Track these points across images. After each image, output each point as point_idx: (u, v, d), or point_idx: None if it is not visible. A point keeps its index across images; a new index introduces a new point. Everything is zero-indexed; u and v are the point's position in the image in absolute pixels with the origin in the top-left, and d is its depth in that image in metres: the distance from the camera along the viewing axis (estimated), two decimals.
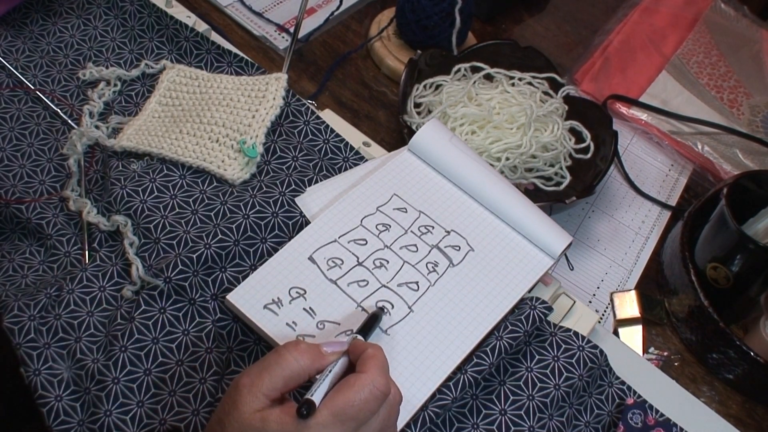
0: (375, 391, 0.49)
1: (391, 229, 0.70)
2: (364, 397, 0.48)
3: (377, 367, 0.50)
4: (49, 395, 0.59)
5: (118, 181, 0.71)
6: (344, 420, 0.48)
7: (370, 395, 0.49)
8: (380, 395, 0.49)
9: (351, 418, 0.48)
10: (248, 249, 0.68)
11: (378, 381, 0.49)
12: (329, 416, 0.47)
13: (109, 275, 0.66)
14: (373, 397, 0.49)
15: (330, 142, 0.78)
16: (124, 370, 0.61)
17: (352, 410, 0.48)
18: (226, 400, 0.49)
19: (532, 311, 0.67)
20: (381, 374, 0.50)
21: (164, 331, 0.64)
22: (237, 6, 0.99)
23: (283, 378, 0.50)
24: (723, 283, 0.80)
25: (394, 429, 0.53)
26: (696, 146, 1.00)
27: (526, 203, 0.74)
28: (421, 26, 0.94)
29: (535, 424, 0.64)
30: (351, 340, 0.54)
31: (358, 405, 0.48)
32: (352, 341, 0.54)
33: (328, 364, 0.52)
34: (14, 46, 0.81)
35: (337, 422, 0.47)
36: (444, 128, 0.77)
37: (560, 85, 0.93)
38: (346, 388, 0.49)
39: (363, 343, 0.54)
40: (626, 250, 0.89)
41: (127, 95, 0.81)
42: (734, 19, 1.21)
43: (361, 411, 0.48)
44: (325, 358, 0.52)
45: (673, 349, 0.81)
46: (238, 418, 0.48)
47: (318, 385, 0.49)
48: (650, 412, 0.68)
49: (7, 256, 0.68)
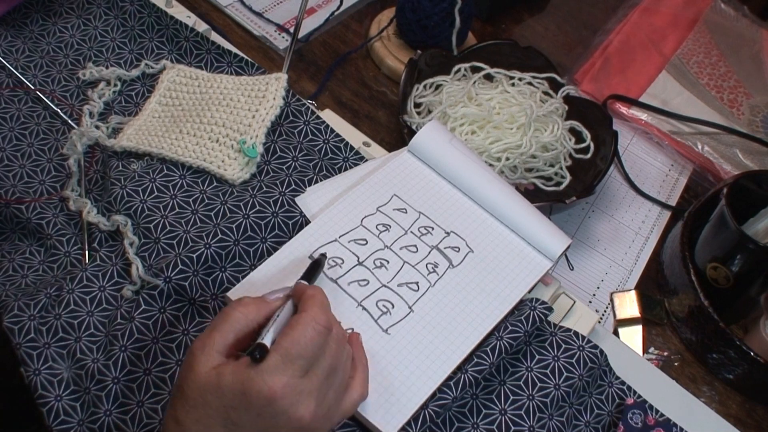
0: (317, 327, 0.50)
1: (391, 229, 0.70)
2: (308, 334, 0.50)
3: (316, 305, 0.52)
4: (49, 395, 0.59)
5: (118, 181, 0.71)
6: (293, 359, 0.49)
7: (313, 331, 0.50)
8: (323, 330, 0.51)
9: (299, 356, 0.49)
10: (248, 249, 0.68)
11: (318, 317, 0.51)
12: (278, 358, 0.49)
13: (109, 275, 0.66)
14: (316, 333, 0.50)
15: (330, 142, 0.78)
16: (124, 370, 0.61)
17: (298, 348, 0.49)
18: (182, 367, 0.51)
19: (532, 311, 0.67)
20: (321, 311, 0.52)
21: (164, 330, 0.64)
22: (237, 6, 0.99)
23: (233, 332, 0.51)
24: (723, 283, 0.80)
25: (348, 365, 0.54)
26: (696, 146, 1.00)
27: (526, 205, 0.74)
28: (421, 26, 0.94)
29: (535, 424, 0.64)
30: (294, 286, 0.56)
31: (303, 342, 0.49)
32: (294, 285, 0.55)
33: (274, 311, 0.53)
34: (14, 46, 0.81)
35: (288, 362, 0.49)
36: (444, 129, 0.77)
37: (560, 85, 0.93)
38: (290, 329, 0.50)
39: (303, 285, 0.56)
40: (626, 250, 0.89)
41: (127, 95, 0.81)
42: (734, 19, 1.21)
43: (306, 348, 0.49)
44: (269, 304, 0.54)
45: (673, 349, 0.81)
46: (195, 379, 0.49)
47: (267, 330, 0.50)
48: (650, 412, 0.68)
49: (7, 256, 0.68)
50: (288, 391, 0.48)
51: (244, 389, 0.48)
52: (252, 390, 0.48)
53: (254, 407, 0.48)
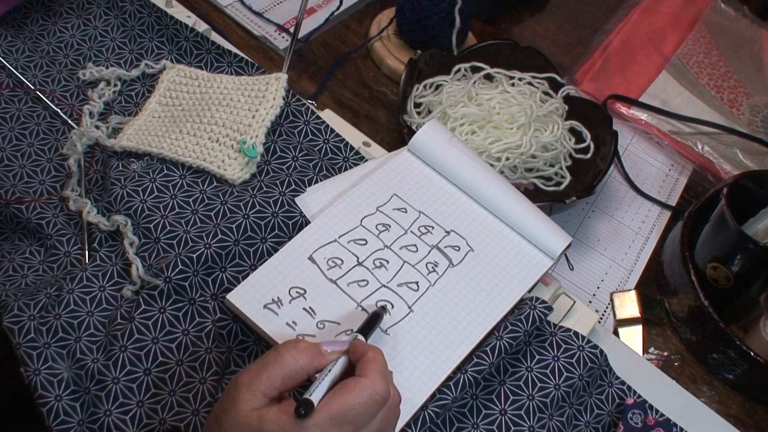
0: (375, 396, 0.48)
1: (391, 229, 0.70)
2: (363, 402, 0.48)
3: (377, 371, 0.50)
4: (48, 395, 0.59)
5: (118, 181, 0.71)
6: (341, 423, 0.47)
7: (370, 400, 0.48)
8: (380, 400, 0.49)
9: (349, 422, 0.47)
10: (248, 249, 0.68)
11: (378, 386, 0.49)
12: (326, 418, 0.47)
13: (109, 275, 0.66)
14: (372, 401, 0.48)
15: (330, 142, 0.78)
16: (124, 370, 0.61)
17: (350, 414, 0.47)
18: (224, 398, 0.49)
19: (532, 311, 0.67)
20: (381, 379, 0.49)
21: (164, 330, 0.64)
22: (237, 6, 0.99)
23: (281, 377, 0.49)
24: (723, 283, 0.80)
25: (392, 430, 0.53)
26: (696, 146, 1.00)
27: (526, 204, 0.74)
28: (421, 26, 0.94)
29: (535, 424, 0.64)
30: (352, 340, 0.54)
31: (357, 409, 0.48)
32: (352, 341, 0.54)
33: (327, 364, 0.51)
34: (14, 46, 0.81)
35: (335, 425, 0.47)
36: (444, 129, 0.77)
37: (560, 85, 0.93)
38: (346, 392, 0.48)
39: (363, 344, 0.53)
40: (626, 250, 0.89)
41: (127, 95, 0.81)
42: (734, 19, 1.21)
43: (359, 416, 0.48)
44: (324, 357, 0.52)
45: (673, 349, 0.81)
46: (236, 416, 0.47)
47: (317, 385, 0.49)
48: (650, 412, 0.68)
49: (7, 256, 0.68)
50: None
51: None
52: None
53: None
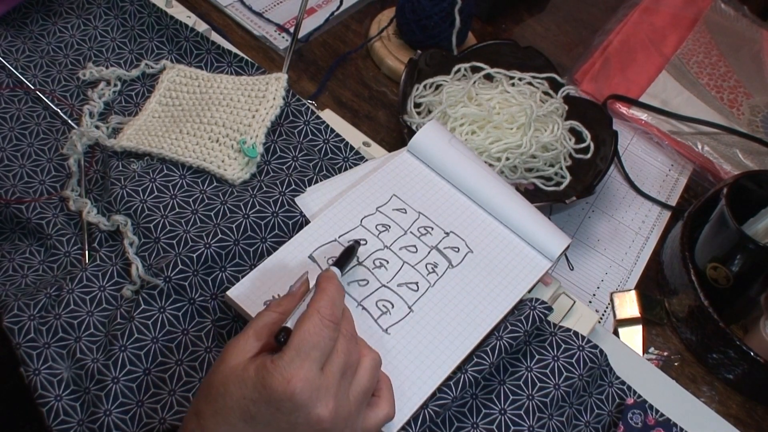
0: (323, 319, 0.50)
1: (390, 229, 0.70)
2: (314, 324, 0.50)
3: (324, 298, 0.52)
4: (48, 395, 0.59)
5: (118, 181, 0.71)
6: (307, 350, 0.49)
7: (319, 323, 0.50)
8: (328, 322, 0.50)
9: (311, 347, 0.49)
10: (248, 249, 0.68)
11: (323, 309, 0.51)
12: (292, 350, 0.49)
13: (109, 275, 0.66)
14: (322, 324, 0.50)
15: (330, 142, 0.78)
16: (124, 370, 0.61)
17: (308, 339, 0.49)
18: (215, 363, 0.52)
19: (532, 311, 0.67)
20: (327, 304, 0.51)
21: (164, 330, 0.64)
22: (237, 6, 0.99)
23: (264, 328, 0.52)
24: (723, 283, 0.80)
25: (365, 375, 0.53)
26: (696, 146, 1.00)
27: (525, 205, 0.74)
28: (421, 26, 0.94)
29: (534, 424, 0.64)
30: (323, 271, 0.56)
31: (312, 332, 0.49)
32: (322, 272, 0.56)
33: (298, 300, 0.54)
34: (14, 46, 0.81)
35: (302, 354, 0.49)
36: (443, 130, 0.77)
37: (560, 85, 0.93)
38: (300, 322, 0.50)
39: (322, 276, 0.55)
40: (626, 250, 0.89)
41: (127, 95, 0.81)
42: (734, 19, 1.21)
43: (315, 337, 0.49)
44: (294, 296, 0.55)
45: (673, 349, 0.81)
46: (222, 370, 0.50)
47: (289, 317, 0.51)
48: (650, 412, 0.68)
49: (7, 256, 0.68)
50: (305, 385, 0.48)
51: (264, 382, 0.48)
52: (272, 383, 0.48)
53: (273, 401, 0.48)
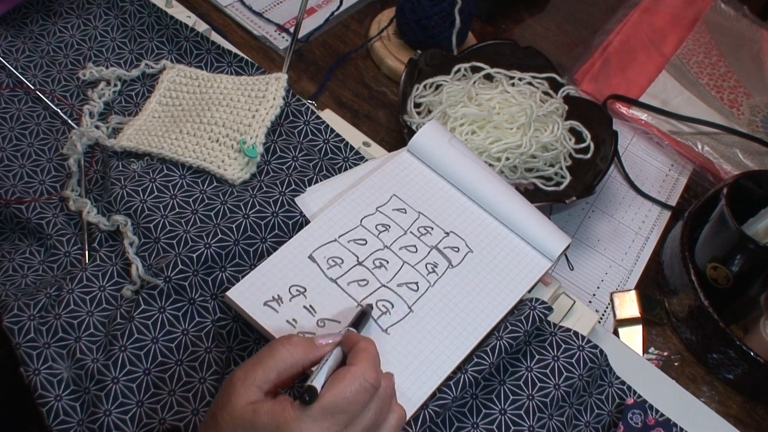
0: (365, 384, 0.49)
1: (390, 229, 0.70)
2: (355, 390, 0.48)
3: (367, 360, 0.50)
4: (48, 395, 0.59)
5: (118, 181, 0.71)
6: (335, 413, 0.47)
7: (360, 388, 0.48)
8: (370, 388, 0.49)
9: (342, 410, 0.47)
10: (248, 249, 0.68)
11: (368, 374, 0.49)
12: (320, 409, 0.47)
13: (109, 275, 0.66)
14: (363, 389, 0.48)
15: (330, 142, 0.78)
16: (124, 370, 0.61)
17: (342, 403, 0.47)
18: (220, 395, 0.49)
19: (532, 311, 0.67)
20: (371, 367, 0.50)
21: (164, 330, 0.64)
22: (237, 6, 0.99)
23: (276, 370, 0.50)
24: (723, 283, 0.80)
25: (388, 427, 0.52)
26: (696, 146, 1.00)
27: (525, 205, 0.74)
28: (421, 26, 0.94)
29: (535, 424, 0.63)
30: (344, 332, 0.54)
31: (349, 397, 0.48)
32: (345, 333, 0.54)
33: (321, 356, 0.52)
34: (14, 46, 0.81)
35: (328, 415, 0.47)
36: (443, 130, 0.77)
37: (560, 85, 0.93)
38: (337, 381, 0.48)
39: (356, 335, 0.54)
40: (626, 250, 0.89)
41: (127, 95, 0.81)
42: (734, 19, 1.21)
43: (351, 404, 0.48)
44: (318, 349, 0.52)
45: (673, 349, 0.81)
46: (231, 411, 0.48)
47: (316, 374, 0.49)
48: (650, 412, 0.68)
49: (7, 256, 0.68)
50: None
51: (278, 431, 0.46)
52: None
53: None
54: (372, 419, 0.49)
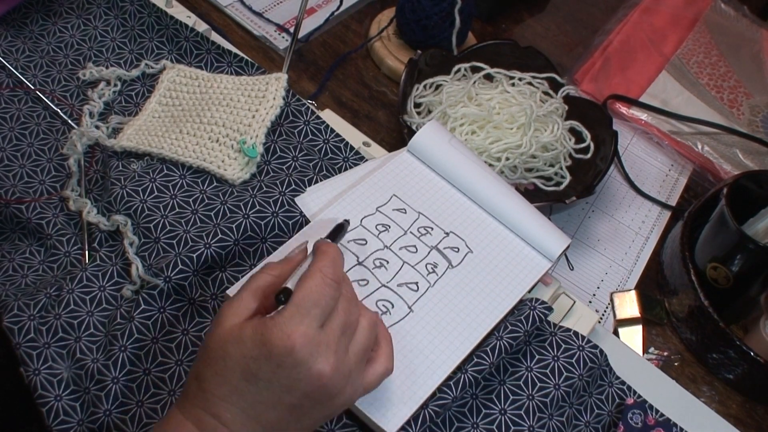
0: (325, 278, 0.51)
1: (390, 229, 0.70)
2: (317, 283, 0.51)
3: (325, 257, 0.53)
4: (48, 395, 0.59)
5: (118, 181, 0.71)
6: (308, 308, 0.49)
7: (322, 281, 0.51)
8: (331, 282, 0.51)
9: (312, 304, 0.50)
10: (248, 249, 0.68)
11: (326, 269, 0.52)
12: (293, 308, 0.49)
13: (109, 275, 0.66)
14: (324, 283, 0.51)
15: (330, 142, 0.78)
16: (124, 370, 0.61)
17: (311, 297, 0.50)
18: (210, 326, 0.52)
19: (532, 311, 0.67)
20: (329, 263, 0.52)
21: (164, 330, 0.64)
22: (237, 6, 0.99)
23: (258, 289, 0.53)
24: (723, 283, 0.80)
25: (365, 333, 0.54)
26: (696, 146, 1.00)
27: (525, 205, 0.74)
28: (421, 26, 0.94)
29: (535, 424, 0.64)
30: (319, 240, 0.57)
31: (315, 290, 0.50)
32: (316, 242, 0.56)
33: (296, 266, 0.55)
34: (14, 46, 0.81)
35: (303, 311, 0.49)
36: (443, 130, 0.77)
37: (560, 85, 0.93)
38: (302, 280, 0.51)
39: (321, 241, 0.56)
40: (626, 250, 0.89)
41: (127, 95, 0.81)
42: (734, 19, 1.21)
43: (319, 297, 0.50)
44: (291, 261, 0.56)
45: (673, 349, 0.81)
46: (219, 333, 0.50)
47: (288, 279, 0.52)
48: (650, 412, 0.68)
49: (7, 256, 0.68)
50: (306, 341, 0.48)
51: (263, 339, 0.48)
52: (272, 339, 0.48)
53: (274, 357, 0.48)
54: (343, 316, 0.52)
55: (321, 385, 0.49)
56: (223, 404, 0.49)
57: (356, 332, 0.53)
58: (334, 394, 0.50)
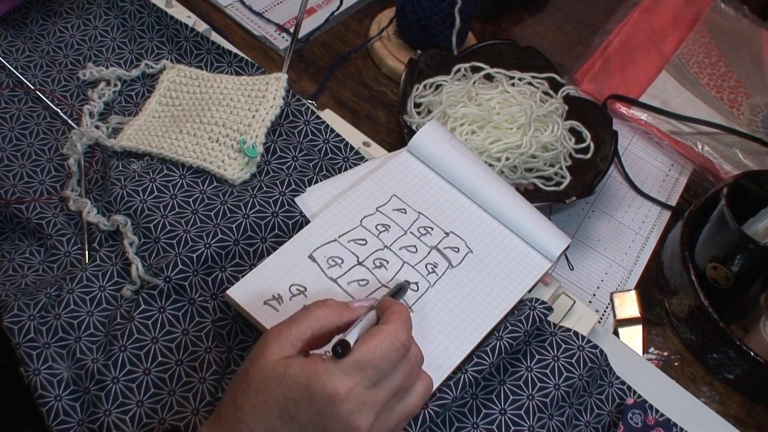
0: (396, 343, 0.49)
1: (390, 229, 0.70)
2: (386, 347, 0.48)
3: (400, 320, 0.51)
4: (48, 395, 0.59)
5: (118, 181, 0.71)
6: (365, 368, 0.48)
7: (391, 346, 0.49)
8: (401, 347, 0.49)
9: (372, 366, 0.48)
10: (248, 249, 0.68)
11: (399, 333, 0.49)
12: (350, 362, 0.47)
13: (109, 275, 0.66)
14: (394, 348, 0.49)
15: (330, 142, 0.78)
16: (124, 370, 0.61)
17: (373, 359, 0.48)
18: (253, 351, 0.50)
19: (532, 311, 0.67)
20: (403, 327, 0.50)
21: (164, 330, 0.64)
22: (237, 6, 0.99)
23: (310, 329, 0.50)
24: (723, 283, 0.80)
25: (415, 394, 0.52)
26: (696, 146, 1.00)
27: (525, 205, 0.74)
28: (421, 26, 0.94)
29: (535, 424, 0.64)
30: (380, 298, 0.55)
31: (380, 354, 0.48)
32: (380, 298, 0.54)
33: (355, 318, 0.52)
34: (14, 46, 0.81)
35: (358, 369, 0.47)
36: (443, 130, 0.77)
37: (560, 85, 0.93)
38: (369, 338, 0.49)
39: (391, 300, 0.54)
40: (626, 250, 0.89)
41: (127, 95, 0.81)
42: (734, 19, 1.21)
43: (382, 360, 0.48)
44: (352, 311, 0.53)
45: (673, 349, 0.81)
46: (263, 365, 0.48)
47: (350, 331, 0.50)
48: (650, 412, 0.68)
49: (7, 256, 0.68)
50: (352, 397, 0.47)
51: (309, 384, 0.47)
52: (317, 386, 0.47)
53: (315, 404, 0.47)
54: (400, 381, 0.50)
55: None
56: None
57: (407, 396, 0.51)
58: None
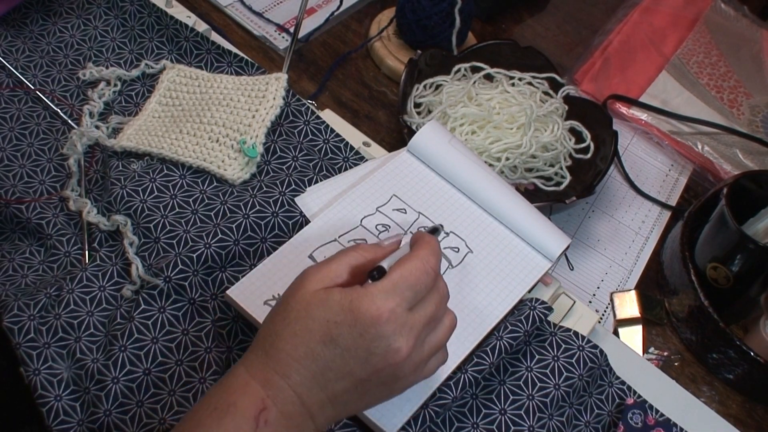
0: (427, 266, 0.51)
1: (390, 229, 0.70)
2: (418, 270, 0.50)
3: (430, 247, 0.53)
4: (48, 395, 0.59)
5: (118, 181, 0.71)
6: (402, 288, 0.49)
7: (423, 269, 0.51)
8: (431, 272, 0.51)
9: (408, 287, 0.50)
10: (248, 249, 0.68)
11: (430, 259, 0.51)
12: (389, 284, 0.49)
13: (109, 275, 0.66)
14: (425, 271, 0.51)
15: (330, 142, 0.78)
16: (124, 370, 0.61)
17: (409, 279, 0.50)
18: (292, 285, 0.51)
19: (532, 311, 0.67)
20: (433, 254, 0.52)
21: (164, 330, 0.64)
22: (237, 6, 0.99)
23: (348, 265, 0.52)
24: (723, 283, 0.80)
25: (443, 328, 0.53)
26: (696, 146, 1.00)
27: (525, 205, 0.74)
28: (421, 26, 0.94)
29: (535, 424, 0.64)
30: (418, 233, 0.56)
31: (414, 274, 0.50)
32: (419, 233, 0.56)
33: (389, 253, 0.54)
34: (14, 46, 0.81)
35: (398, 291, 0.49)
36: (443, 130, 0.77)
37: (560, 85, 0.93)
38: (402, 262, 0.51)
39: (421, 233, 0.56)
40: (626, 250, 0.89)
41: (127, 95, 0.81)
42: (734, 19, 1.21)
43: (416, 282, 0.50)
44: (385, 249, 0.55)
45: (673, 349, 0.81)
46: (304, 294, 0.50)
47: (385, 260, 0.52)
48: (650, 412, 0.68)
49: (7, 256, 0.68)
50: (393, 317, 0.48)
51: (352, 306, 0.48)
52: (361, 307, 0.48)
53: (359, 325, 0.48)
54: (433, 309, 0.51)
55: (394, 363, 0.49)
56: (295, 365, 0.48)
57: (437, 328, 0.53)
58: (401, 377, 0.50)
